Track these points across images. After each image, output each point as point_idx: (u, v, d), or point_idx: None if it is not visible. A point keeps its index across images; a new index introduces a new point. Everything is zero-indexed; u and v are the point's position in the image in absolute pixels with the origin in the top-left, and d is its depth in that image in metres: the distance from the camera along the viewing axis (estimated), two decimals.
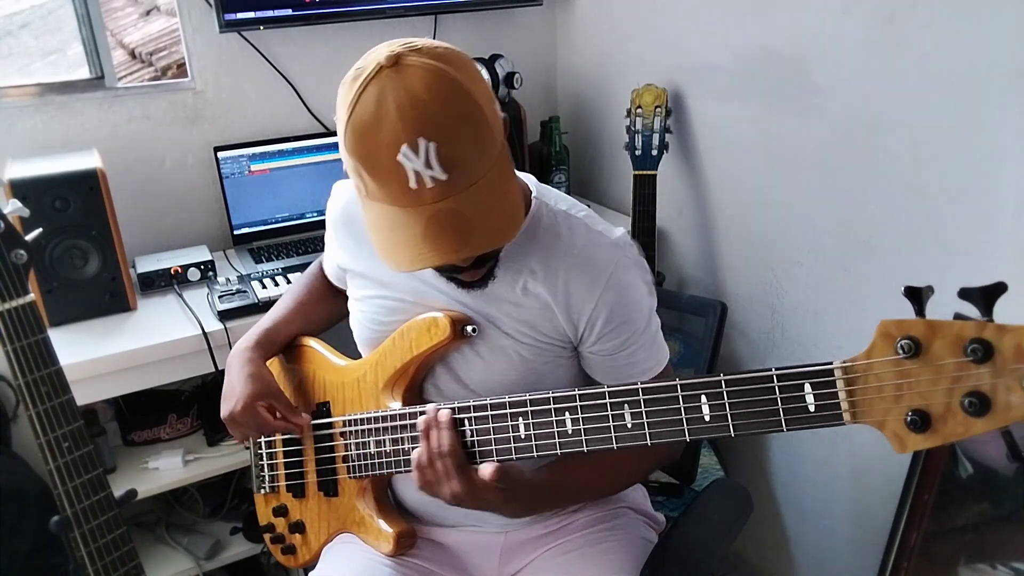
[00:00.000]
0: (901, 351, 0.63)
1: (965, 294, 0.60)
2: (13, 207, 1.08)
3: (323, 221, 2.07)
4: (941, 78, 1.25)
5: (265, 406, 1.10)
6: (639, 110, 1.77)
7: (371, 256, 1.07)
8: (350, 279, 1.14)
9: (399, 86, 0.79)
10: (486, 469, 0.87)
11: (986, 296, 0.59)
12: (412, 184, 0.80)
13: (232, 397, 1.09)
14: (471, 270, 0.94)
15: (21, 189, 1.43)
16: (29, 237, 1.06)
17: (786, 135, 1.56)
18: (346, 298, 1.26)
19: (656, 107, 1.76)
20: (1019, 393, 0.57)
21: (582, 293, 0.97)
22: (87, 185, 1.50)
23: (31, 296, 1.05)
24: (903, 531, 1.36)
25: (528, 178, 1.06)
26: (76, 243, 1.51)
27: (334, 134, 2.26)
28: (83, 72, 1.79)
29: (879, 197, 1.39)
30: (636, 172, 1.78)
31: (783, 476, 1.76)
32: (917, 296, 0.63)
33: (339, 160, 0.88)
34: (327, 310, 1.27)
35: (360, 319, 1.12)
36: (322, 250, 1.30)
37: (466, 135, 0.81)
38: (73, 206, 1.49)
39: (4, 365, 1.05)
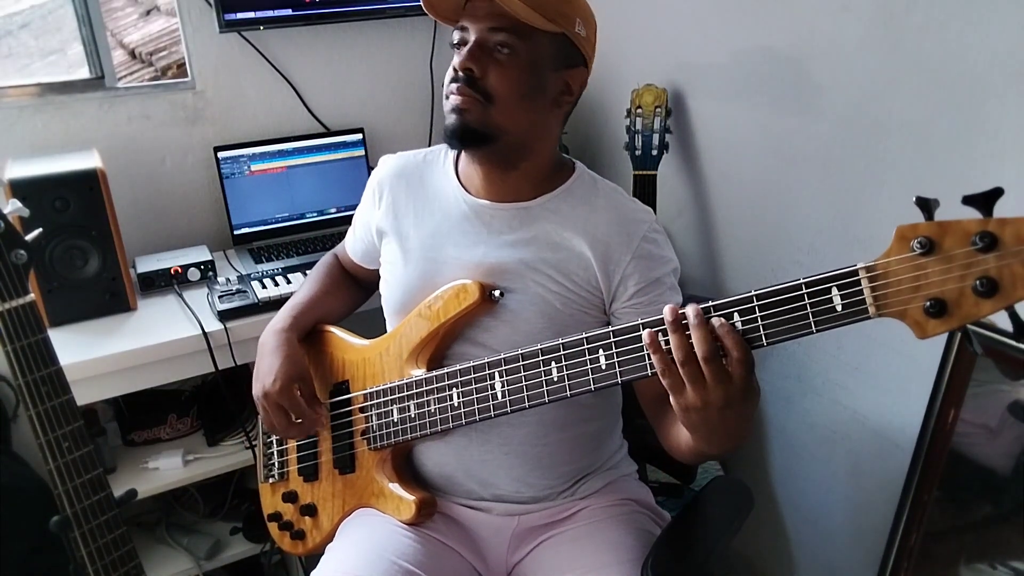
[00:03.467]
0: (918, 247, 0.71)
1: (968, 200, 0.68)
2: (13, 207, 1.07)
3: (323, 221, 2.08)
4: (941, 78, 1.25)
5: (298, 389, 1.13)
6: (639, 110, 1.77)
7: (415, 212, 1.15)
8: (387, 243, 1.18)
9: None
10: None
11: (987, 199, 0.69)
12: None
13: (269, 375, 1.12)
14: (459, 86, 1.01)
15: (21, 189, 1.43)
16: (29, 237, 1.06)
17: (786, 135, 1.55)
18: (362, 288, 1.32)
19: (656, 107, 1.76)
20: (1022, 273, 0.66)
21: (619, 248, 1.05)
22: (87, 185, 1.50)
23: (31, 296, 1.04)
24: (903, 531, 1.36)
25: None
26: (76, 243, 1.51)
27: (334, 134, 2.26)
28: (83, 72, 1.79)
29: (879, 197, 1.39)
30: (636, 172, 1.78)
31: (782, 476, 1.76)
32: (926, 205, 0.72)
33: (338, 160, 0.91)
34: (346, 300, 1.31)
35: (392, 283, 1.16)
36: (323, 250, 1.31)
37: None
38: (73, 206, 1.49)
39: (4, 365, 1.05)
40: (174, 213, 1.90)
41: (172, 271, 1.68)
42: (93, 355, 1.43)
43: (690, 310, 0.82)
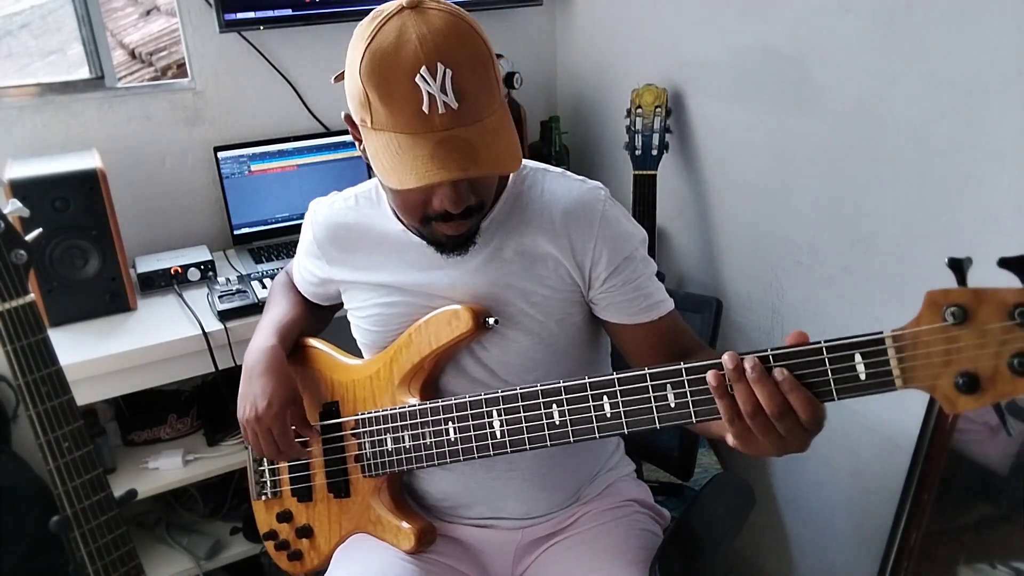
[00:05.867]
0: (950, 318, 0.66)
1: (1005, 263, 0.63)
2: (13, 207, 1.07)
3: None
4: (941, 78, 1.25)
5: (289, 413, 1.08)
6: (639, 110, 1.77)
7: (366, 262, 1.09)
8: (347, 291, 1.14)
9: (420, 22, 0.86)
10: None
11: None
12: (425, 108, 0.84)
13: (262, 399, 1.06)
14: (458, 221, 0.95)
15: (21, 189, 1.43)
16: (29, 237, 1.06)
17: (786, 135, 1.55)
18: (324, 310, 1.27)
19: (656, 107, 1.76)
20: None
21: (582, 236, 1.01)
22: (87, 185, 1.50)
23: (31, 296, 1.04)
24: (903, 531, 1.36)
25: None
26: (76, 243, 1.51)
27: (334, 134, 2.26)
28: (83, 72, 1.79)
29: (879, 197, 1.39)
30: (636, 172, 1.78)
31: (782, 475, 1.76)
32: (959, 267, 0.66)
33: (338, 161, 0.90)
34: (316, 316, 1.26)
35: (363, 326, 1.12)
36: None
37: (478, 72, 0.87)
38: (73, 206, 1.49)
39: (4, 365, 1.05)
40: (174, 213, 1.90)
41: (172, 271, 1.68)
42: (93, 355, 1.43)
43: (747, 363, 0.76)
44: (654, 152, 1.76)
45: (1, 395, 1.62)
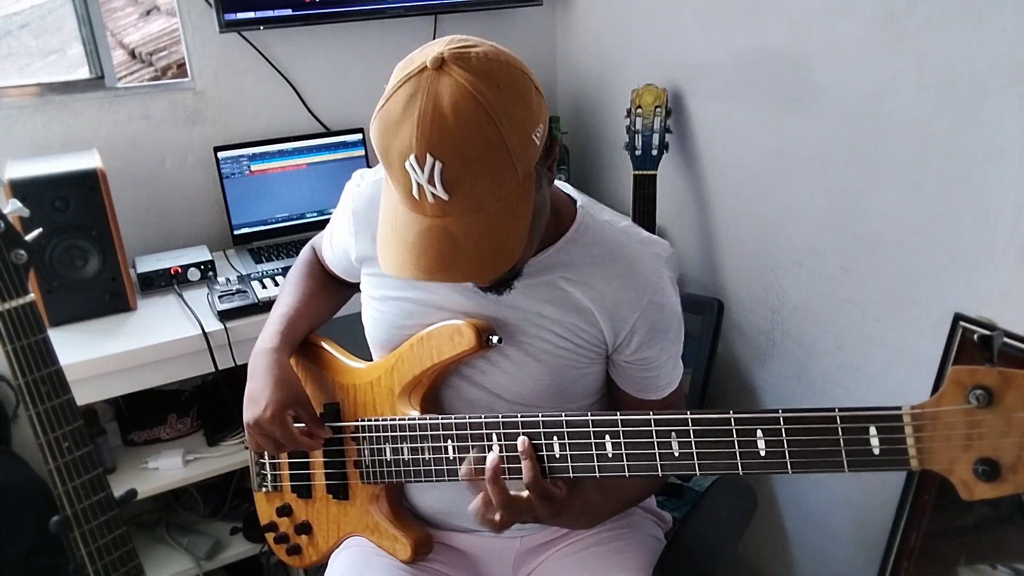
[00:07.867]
0: (974, 400, 0.63)
1: None
2: (13, 207, 1.07)
3: (323, 221, 2.06)
4: (941, 78, 1.25)
5: (292, 414, 1.06)
6: (639, 110, 1.77)
7: None
8: (372, 278, 1.10)
9: (430, 95, 0.77)
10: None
11: None
12: (415, 194, 0.80)
13: (260, 402, 1.04)
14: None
15: (21, 189, 1.43)
16: (29, 237, 1.06)
17: (786, 135, 1.55)
18: (347, 286, 1.24)
19: (656, 107, 1.76)
20: None
21: (627, 304, 0.98)
22: (87, 185, 1.50)
23: (31, 296, 1.05)
24: (903, 531, 1.36)
25: (569, 188, 1.06)
26: (76, 243, 1.51)
27: (334, 134, 2.25)
28: (83, 72, 1.79)
29: (879, 197, 1.39)
30: (636, 172, 1.78)
31: (783, 476, 1.76)
32: (989, 343, 0.65)
33: (338, 160, 0.89)
34: (333, 300, 1.24)
35: (377, 319, 1.09)
36: None
37: (477, 164, 0.78)
38: (73, 206, 1.49)
39: (4, 365, 1.05)
40: (174, 213, 1.90)
41: (172, 271, 1.68)
42: (93, 355, 1.43)
43: (489, 458, 0.88)
44: (654, 152, 1.76)
45: (1, 395, 1.63)
